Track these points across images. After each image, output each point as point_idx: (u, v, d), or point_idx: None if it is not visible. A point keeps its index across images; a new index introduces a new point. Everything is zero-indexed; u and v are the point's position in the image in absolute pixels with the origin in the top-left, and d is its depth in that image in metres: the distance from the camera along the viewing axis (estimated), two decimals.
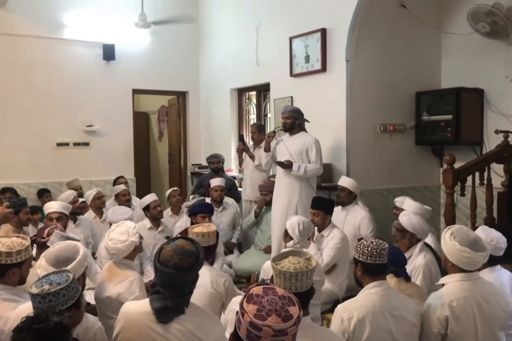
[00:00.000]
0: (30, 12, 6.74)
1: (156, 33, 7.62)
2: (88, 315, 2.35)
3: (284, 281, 2.05)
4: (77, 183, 6.37)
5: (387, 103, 5.42)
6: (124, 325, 2.22)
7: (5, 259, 2.43)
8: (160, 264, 2.15)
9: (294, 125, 4.93)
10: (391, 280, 2.82)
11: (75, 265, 2.30)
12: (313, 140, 4.87)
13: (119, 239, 3.09)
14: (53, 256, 2.34)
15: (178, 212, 5.67)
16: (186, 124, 8.27)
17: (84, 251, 2.43)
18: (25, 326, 1.65)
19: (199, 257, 2.20)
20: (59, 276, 2.01)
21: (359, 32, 5.13)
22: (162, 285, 2.17)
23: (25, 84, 6.76)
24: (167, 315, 2.15)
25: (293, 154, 4.82)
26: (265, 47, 6.44)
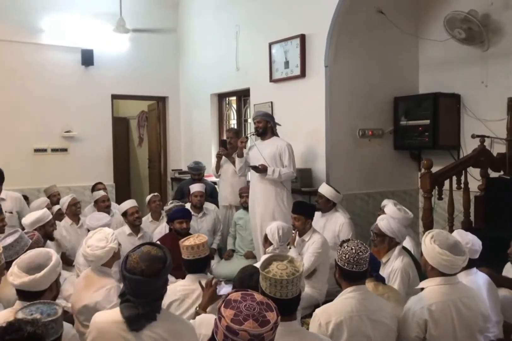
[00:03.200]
0: (7, 17, 6.66)
1: (135, 38, 7.59)
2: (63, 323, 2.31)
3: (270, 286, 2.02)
4: (55, 189, 6.27)
5: (365, 108, 5.47)
6: (95, 335, 2.19)
7: None
8: (127, 271, 2.13)
9: (266, 129, 4.96)
10: (368, 284, 2.83)
11: (47, 271, 2.27)
12: (285, 144, 4.90)
13: (97, 245, 3.06)
14: (25, 263, 2.30)
15: (158, 217, 5.62)
16: (166, 129, 8.23)
17: (57, 257, 2.40)
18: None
19: (166, 261, 2.18)
20: (48, 307, 1.95)
21: (338, 38, 5.17)
22: (131, 293, 2.14)
23: (2, 90, 6.67)
24: (139, 323, 2.12)
25: (266, 159, 4.84)
26: (245, 53, 6.46)
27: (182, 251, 3.04)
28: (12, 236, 3.06)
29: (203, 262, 3.07)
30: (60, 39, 7.02)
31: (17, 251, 2.99)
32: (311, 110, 5.40)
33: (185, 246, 3.02)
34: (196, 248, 3.01)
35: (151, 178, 8.88)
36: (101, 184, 6.49)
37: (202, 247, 3.03)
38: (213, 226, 5.65)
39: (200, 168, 6.25)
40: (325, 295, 4.06)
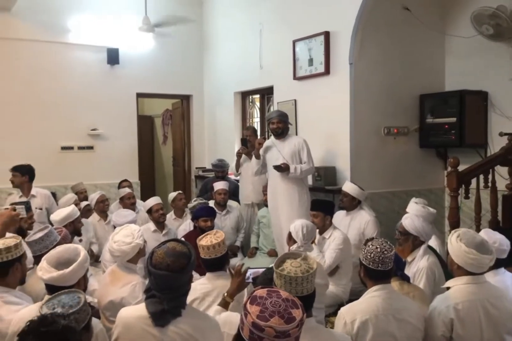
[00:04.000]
0: (35, 17, 6.79)
1: (160, 37, 7.65)
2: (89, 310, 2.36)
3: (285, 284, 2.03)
4: (82, 186, 6.38)
5: (390, 106, 5.42)
6: (121, 330, 2.22)
7: (6, 256, 2.46)
8: (153, 267, 2.16)
9: (284, 130, 4.97)
10: (394, 283, 2.81)
11: (76, 266, 2.32)
12: (302, 140, 4.93)
13: (124, 241, 3.11)
14: (54, 258, 2.36)
15: (181, 215, 5.67)
16: (190, 127, 8.29)
17: (85, 253, 2.45)
18: (32, 329, 1.64)
19: (190, 257, 2.21)
20: (71, 298, 1.98)
21: (363, 35, 5.13)
22: (156, 288, 2.17)
23: (30, 89, 6.80)
24: (164, 318, 2.15)
25: (286, 157, 4.85)
26: (269, 51, 6.45)
27: (200, 250, 3.00)
28: (42, 231, 3.13)
29: (221, 260, 3.03)
30: (86, 39, 7.13)
31: (46, 245, 3.07)
32: (335, 108, 5.37)
33: (202, 245, 2.99)
34: (212, 248, 2.97)
35: (175, 176, 8.95)
36: (127, 181, 6.57)
37: (218, 246, 2.97)
38: (237, 223, 5.68)
39: (224, 165, 6.28)
40: (349, 294, 4.04)
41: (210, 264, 3.03)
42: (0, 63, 6.64)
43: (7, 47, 6.67)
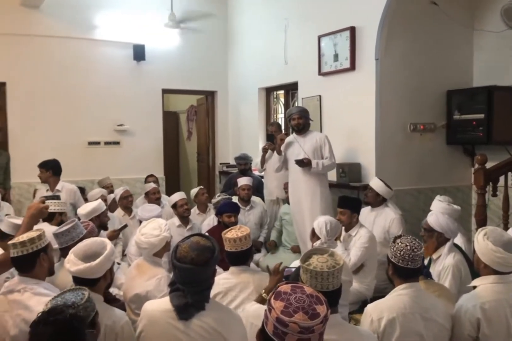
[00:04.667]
0: (62, 14, 6.90)
1: (185, 33, 7.69)
2: (116, 310, 2.40)
3: (311, 278, 2.04)
4: (108, 181, 6.48)
5: (417, 102, 5.35)
6: (146, 323, 2.26)
7: (31, 247, 2.50)
8: (177, 260, 2.19)
9: (305, 126, 4.96)
10: (420, 281, 2.78)
11: (102, 259, 2.36)
12: (323, 136, 4.92)
13: (152, 233, 3.16)
14: (81, 251, 2.40)
15: (204, 210, 5.71)
16: (214, 123, 8.32)
17: (111, 246, 2.48)
18: (42, 319, 1.69)
19: (214, 251, 2.24)
20: (75, 294, 2.01)
21: (389, 30, 5.07)
22: (181, 281, 2.20)
23: (58, 85, 6.92)
24: (188, 312, 2.17)
25: (308, 153, 4.84)
26: (293, 46, 6.43)
27: (225, 243, 3.03)
28: (68, 224, 3.19)
29: (246, 254, 3.04)
30: (113, 35, 7.21)
31: (73, 237, 3.13)
32: (360, 104, 5.33)
33: (227, 238, 3.01)
34: (239, 240, 2.98)
35: (199, 171, 9.01)
36: (153, 176, 6.65)
37: (245, 239, 2.99)
38: (260, 219, 5.69)
39: (246, 157, 6.29)
40: (373, 291, 4.02)
41: (234, 257, 3.04)
42: (29, 60, 6.77)
43: (35, 44, 6.80)
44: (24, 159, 6.60)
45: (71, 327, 1.66)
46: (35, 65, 6.81)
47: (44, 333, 1.64)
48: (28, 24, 6.72)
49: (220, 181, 7.90)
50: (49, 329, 1.63)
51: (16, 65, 6.71)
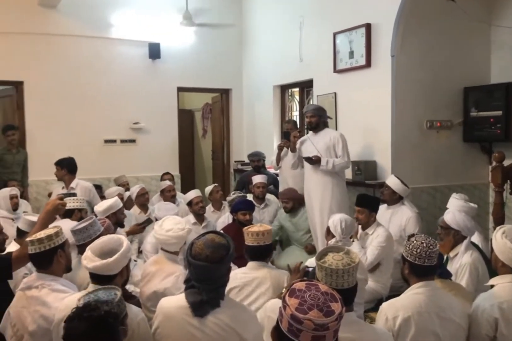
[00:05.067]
0: (79, 13, 6.96)
1: (200, 31, 7.71)
2: (132, 306, 2.41)
3: (326, 276, 2.04)
4: (124, 179, 6.52)
5: (433, 99, 5.30)
6: (162, 319, 2.27)
7: (48, 244, 2.53)
8: (192, 258, 2.20)
9: (319, 124, 4.94)
10: (436, 280, 2.76)
11: (119, 256, 2.38)
12: (338, 134, 4.88)
13: (178, 227, 3.22)
14: (98, 248, 2.43)
15: (219, 207, 5.73)
16: (229, 121, 8.34)
17: (128, 243, 2.50)
18: (76, 315, 1.71)
19: (229, 249, 2.24)
20: (108, 294, 2.02)
21: (405, 26, 5.03)
22: (196, 279, 2.21)
23: (75, 83, 6.98)
24: (203, 309, 2.18)
25: (321, 151, 4.83)
26: (309, 43, 6.41)
27: (247, 237, 3.08)
28: (86, 222, 3.22)
29: (266, 249, 3.11)
30: (128, 34, 7.26)
31: (90, 235, 3.16)
32: (376, 101, 5.30)
33: (250, 232, 3.07)
34: (261, 234, 3.05)
35: (214, 169, 9.04)
36: (169, 174, 6.68)
37: (267, 234, 3.06)
38: (275, 217, 5.67)
39: (259, 154, 6.29)
40: (389, 290, 4.00)
41: (255, 251, 3.09)
42: (46, 59, 6.84)
43: (52, 43, 6.87)
44: (41, 157, 6.68)
45: (106, 324, 1.68)
46: (52, 64, 6.88)
47: (79, 328, 1.66)
48: (45, 24, 6.79)
49: (235, 179, 7.91)
50: (84, 325, 1.65)
51: (34, 64, 6.78)
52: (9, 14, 6.58)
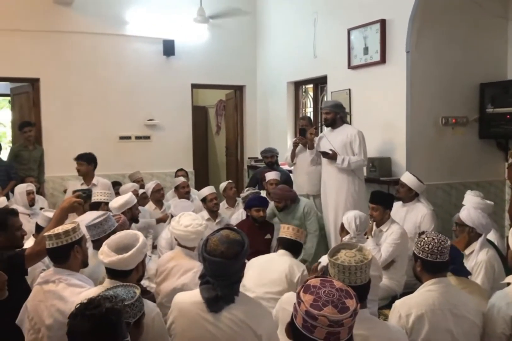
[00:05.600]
0: (94, 10, 7.00)
1: (214, 28, 7.71)
2: (147, 301, 2.42)
3: (338, 273, 2.04)
4: (139, 175, 6.57)
5: (449, 95, 5.26)
6: (176, 315, 2.29)
7: (65, 239, 2.57)
8: (208, 253, 2.21)
9: (335, 120, 4.91)
10: (450, 277, 2.74)
11: (135, 251, 2.40)
12: (356, 132, 4.84)
13: (197, 223, 3.28)
14: (114, 243, 2.45)
15: (233, 204, 5.74)
16: (243, 118, 8.34)
17: (143, 239, 2.52)
18: (79, 312, 1.72)
19: (244, 245, 2.24)
20: (127, 291, 2.04)
21: (420, 22, 4.99)
22: (210, 274, 2.22)
23: (90, 80, 7.04)
24: (218, 304, 2.19)
25: (337, 148, 4.80)
26: (323, 40, 6.39)
27: (283, 230, 3.45)
28: (100, 217, 3.26)
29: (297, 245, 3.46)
30: (143, 31, 7.29)
31: (105, 230, 3.20)
32: (391, 97, 5.27)
33: (289, 226, 3.44)
34: (300, 232, 3.44)
35: (228, 165, 9.05)
36: (183, 171, 6.71)
37: (301, 233, 3.46)
38: None
39: (272, 150, 6.28)
40: (403, 287, 3.98)
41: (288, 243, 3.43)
42: (62, 56, 6.90)
43: (68, 41, 6.92)
44: (57, 154, 6.77)
45: (108, 322, 1.69)
46: (68, 61, 6.94)
47: (81, 326, 1.67)
48: (60, 21, 6.85)
49: (248, 175, 7.92)
50: (85, 322, 1.67)
51: (49, 62, 6.85)
52: (25, 12, 6.65)
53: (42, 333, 2.50)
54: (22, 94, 7.33)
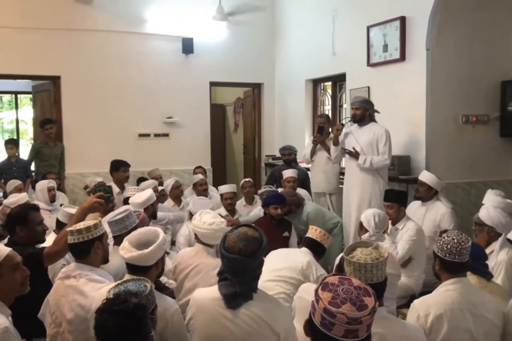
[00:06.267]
0: (114, 8, 7.07)
1: (233, 25, 7.73)
2: (167, 297, 2.46)
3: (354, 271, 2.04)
4: (158, 172, 6.61)
5: (470, 93, 5.20)
6: (195, 311, 2.30)
7: (86, 235, 2.60)
8: (226, 250, 2.22)
9: (364, 117, 4.87)
10: (471, 276, 2.72)
11: (155, 247, 2.42)
12: (383, 130, 4.79)
13: (220, 220, 3.33)
14: (135, 239, 2.48)
15: (251, 202, 5.76)
16: (260, 115, 8.34)
17: (163, 235, 2.54)
18: (106, 307, 1.75)
19: (262, 242, 2.24)
20: (137, 285, 2.05)
21: (441, 19, 4.94)
22: (229, 271, 2.23)
23: (110, 78, 7.11)
24: (236, 301, 2.20)
25: (363, 146, 4.77)
26: (341, 37, 6.36)
27: (311, 231, 3.50)
28: (122, 213, 3.29)
29: (321, 247, 3.45)
30: (162, 29, 7.33)
31: (126, 226, 3.23)
32: (410, 95, 5.23)
33: (318, 228, 3.49)
34: (326, 237, 3.47)
35: (245, 163, 9.07)
36: (201, 168, 6.74)
37: (327, 238, 3.46)
38: None
39: (291, 148, 6.27)
40: (422, 286, 3.96)
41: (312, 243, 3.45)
42: (82, 54, 6.98)
43: (88, 39, 7.00)
44: (77, 151, 6.86)
45: (135, 317, 1.72)
46: (88, 59, 7.01)
47: (109, 321, 1.71)
48: (81, 19, 6.93)
49: (266, 173, 7.92)
50: (113, 318, 1.70)
51: (70, 60, 6.93)
52: (46, 11, 6.75)
53: (63, 327, 2.55)
54: (44, 92, 7.44)
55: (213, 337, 2.23)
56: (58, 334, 2.57)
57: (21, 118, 11.49)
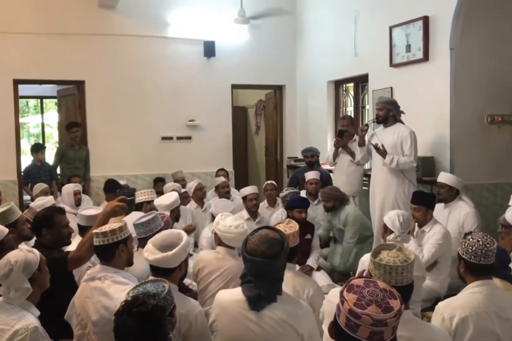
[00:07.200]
0: (137, 13, 7.15)
1: (254, 28, 7.74)
2: (190, 299, 2.48)
3: (384, 273, 2.02)
4: (181, 175, 6.67)
5: (495, 93, 5.11)
6: (218, 312, 2.31)
7: (111, 238, 2.63)
8: (248, 253, 2.22)
9: (387, 117, 4.83)
10: (495, 279, 2.67)
11: (178, 250, 2.44)
12: (408, 131, 4.73)
13: (242, 222, 3.33)
14: (159, 241, 2.50)
15: (273, 204, 5.76)
16: (282, 117, 8.33)
17: (187, 238, 2.57)
18: (125, 309, 1.77)
19: (284, 244, 2.25)
20: (156, 286, 2.06)
21: (465, 18, 4.87)
22: (252, 274, 2.23)
23: (133, 82, 7.19)
24: (260, 303, 2.20)
25: (387, 147, 4.72)
26: (364, 38, 6.32)
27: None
28: (148, 216, 3.32)
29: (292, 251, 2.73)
30: (184, 32, 7.38)
31: (151, 229, 3.26)
32: (434, 95, 5.17)
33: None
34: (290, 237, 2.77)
35: (267, 165, 9.07)
36: (223, 170, 6.77)
37: (293, 236, 2.82)
38: None
39: (313, 149, 6.25)
40: (447, 289, 3.90)
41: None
42: (106, 59, 7.08)
43: (111, 43, 7.10)
44: (101, 154, 6.95)
45: (154, 318, 1.74)
46: (112, 63, 7.11)
47: (128, 322, 1.73)
48: (105, 24, 7.03)
49: (288, 175, 7.91)
50: (132, 320, 1.72)
51: (94, 64, 7.03)
52: (71, 16, 6.87)
53: (89, 328, 2.57)
54: (68, 96, 7.56)
55: (236, 339, 2.24)
56: (84, 335, 2.60)
57: (47, 123, 11.70)
